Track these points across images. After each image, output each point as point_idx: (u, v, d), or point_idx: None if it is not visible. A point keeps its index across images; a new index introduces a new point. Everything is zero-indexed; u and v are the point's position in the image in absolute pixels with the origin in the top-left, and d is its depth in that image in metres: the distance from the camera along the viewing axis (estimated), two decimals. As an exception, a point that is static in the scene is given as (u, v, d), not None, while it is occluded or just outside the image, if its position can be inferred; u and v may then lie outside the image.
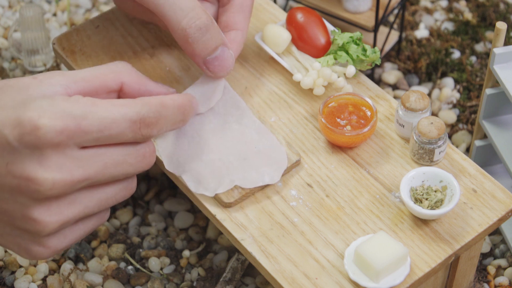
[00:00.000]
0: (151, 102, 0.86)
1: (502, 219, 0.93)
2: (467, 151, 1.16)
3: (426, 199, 0.92)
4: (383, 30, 1.25)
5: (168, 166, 0.95)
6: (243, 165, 0.94)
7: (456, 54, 1.27)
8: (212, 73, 0.96)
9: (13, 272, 1.05)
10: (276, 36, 1.03)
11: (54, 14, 1.34)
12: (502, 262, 1.05)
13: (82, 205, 0.84)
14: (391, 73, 1.24)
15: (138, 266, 1.05)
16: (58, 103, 0.81)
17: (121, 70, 0.90)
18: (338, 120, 0.98)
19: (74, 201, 0.84)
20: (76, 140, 0.81)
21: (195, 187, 0.93)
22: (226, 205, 0.93)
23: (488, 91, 1.05)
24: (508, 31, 1.27)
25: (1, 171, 0.81)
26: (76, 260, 1.06)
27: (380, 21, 1.18)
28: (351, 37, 1.02)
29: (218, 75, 0.97)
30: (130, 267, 1.05)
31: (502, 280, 1.04)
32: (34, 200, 0.82)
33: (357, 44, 1.02)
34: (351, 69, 1.01)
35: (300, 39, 1.03)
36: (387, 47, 1.24)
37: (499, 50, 1.01)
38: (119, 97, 0.90)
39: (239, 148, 0.95)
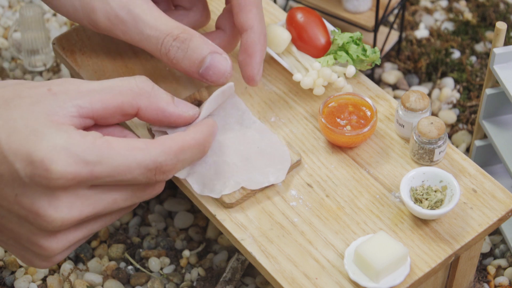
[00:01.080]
0: (171, 148, 0.84)
1: (502, 219, 0.93)
2: (467, 151, 1.16)
3: (426, 199, 0.92)
4: (383, 30, 1.25)
5: None
6: (247, 166, 0.94)
7: (456, 54, 1.27)
8: (211, 83, 0.95)
9: (13, 272, 1.05)
10: (276, 36, 1.03)
11: (54, 14, 1.34)
12: (502, 262, 1.05)
13: (87, 229, 0.85)
14: (391, 73, 1.24)
15: (138, 266, 1.05)
16: (72, 143, 0.79)
17: (140, 93, 0.87)
18: (338, 120, 0.98)
19: (81, 228, 0.85)
20: (87, 183, 0.81)
21: (200, 190, 0.93)
22: (227, 206, 0.93)
23: (488, 91, 1.05)
24: (508, 31, 1.27)
25: (10, 200, 0.81)
26: (76, 260, 1.06)
27: (380, 21, 1.18)
28: (351, 37, 1.02)
29: (218, 83, 0.95)
30: (130, 267, 1.05)
31: (502, 280, 1.04)
32: (41, 231, 0.82)
33: (357, 44, 1.02)
34: (351, 69, 1.01)
35: (300, 39, 1.03)
36: (387, 47, 1.24)
37: (499, 50, 1.01)
38: (134, 117, 0.89)
39: (242, 149, 0.95)
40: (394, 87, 1.24)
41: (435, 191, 0.93)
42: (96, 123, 0.86)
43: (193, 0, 1.02)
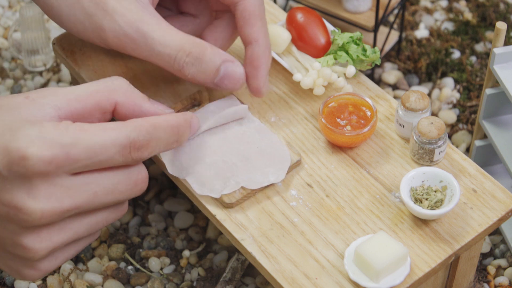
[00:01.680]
0: (142, 125, 0.84)
1: (502, 219, 0.93)
2: (467, 151, 1.16)
3: (426, 199, 0.92)
4: (383, 30, 1.25)
5: (171, 170, 0.94)
6: (247, 166, 0.94)
7: (456, 54, 1.27)
8: (226, 90, 0.96)
9: (13, 272, 1.05)
10: (276, 36, 1.03)
11: (54, 14, 1.34)
12: (502, 262, 1.05)
13: (72, 231, 0.84)
14: (391, 73, 1.24)
15: (138, 266, 1.05)
16: (46, 131, 0.80)
17: (116, 89, 0.88)
18: (338, 120, 0.98)
19: (64, 227, 0.84)
20: (65, 168, 0.81)
21: (200, 189, 0.93)
22: (227, 206, 0.93)
23: (488, 91, 1.05)
24: (508, 31, 1.27)
25: None
26: (76, 260, 1.06)
27: (380, 21, 1.18)
28: (351, 37, 1.02)
29: (233, 90, 0.96)
30: (130, 267, 1.05)
31: (502, 280, 1.04)
32: (23, 228, 0.82)
33: (357, 44, 1.02)
34: (351, 69, 1.01)
35: (300, 39, 1.03)
36: (387, 47, 1.24)
37: (499, 50, 1.01)
38: (113, 117, 0.89)
39: (242, 149, 0.95)
40: (394, 87, 1.24)
41: (435, 191, 0.93)
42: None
43: (200, 8, 1.02)
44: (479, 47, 1.28)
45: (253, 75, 0.97)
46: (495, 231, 1.08)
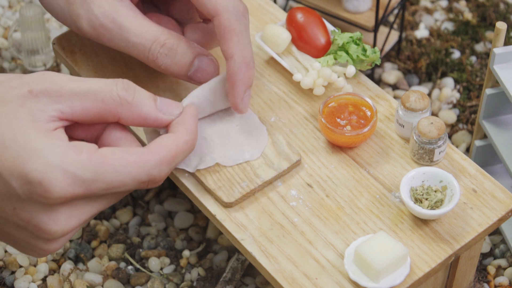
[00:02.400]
0: (165, 158, 0.84)
1: (502, 219, 0.93)
2: (467, 151, 1.16)
3: (426, 199, 0.92)
4: (383, 30, 1.25)
5: None
6: (224, 143, 0.95)
7: (456, 54, 1.27)
8: (200, 84, 0.96)
9: (13, 272, 1.05)
10: (276, 36, 1.03)
11: (54, 14, 1.34)
12: (502, 262, 1.05)
13: (86, 221, 0.85)
14: (391, 73, 1.24)
15: (138, 266, 1.05)
16: (68, 163, 0.79)
17: (121, 103, 0.85)
18: (338, 120, 0.98)
19: (78, 227, 0.85)
20: (83, 197, 0.82)
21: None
22: (226, 205, 0.93)
23: (488, 91, 1.05)
24: (508, 31, 1.27)
25: (8, 212, 0.81)
26: (76, 260, 1.06)
27: (380, 21, 1.18)
28: (351, 37, 1.02)
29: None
30: (130, 267, 1.05)
31: (502, 280, 1.04)
32: (41, 238, 0.83)
33: (357, 44, 1.02)
34: (351, 69, 1.01)
35: (300, 39, 1.03)
36: (387, 47, 1.24)
37: (499, 50, 1.01)
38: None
39: (221, 126, 0.96)
40: (394, 87, 1.24)
41: (435, 191, 0.93)
42: (76, 124, 0.86)
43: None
44: (479, 47, 1.28)
45: (230, 91, 0.95)
46: (495, 231, 1.08)
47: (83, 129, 0.88)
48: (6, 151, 0.79)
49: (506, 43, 1.24)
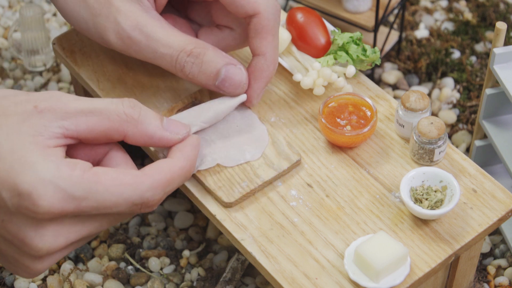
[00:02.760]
0: (159, 182, 0.83)
1: (502, 219, 0.93)
2: (467, 151, 1.16)
3: (426, 199, 0.92)
4: (383, 30, 1.25)
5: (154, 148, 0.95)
6: (225, 144, 0.95)
7: (456, 54, 1.27)
8: (228, 94, 0.96)
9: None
10: (276, 36, 1.03)
11: (54, 14, 1.34)
12: (502, 262, 1.05)
13: (73, 247, 0.85)
14: (391, 73, 1.24)
15: (138, 266, 1.05)
16: (60, 178, 0.78)
17: (128, 120, 0.85)
18: (338, 120, 0.98)
19: (66, 250, 0.84)
20: (73, 215, 0.81)
21: None
22: (226, 205, 0.93)
23: (488, 91, 1.05)
24: (508, 31, 1.27)
25: None
26: (76, 260, 1.06)
27: (380, 21, 1.18)
28: (351, 37, 1.02)
29: (235, 93, 0.96)
30: (130, 267, 1.05)
31: (502, 280, 1.04)
32: (27, 255, 0.82)
33: (357, 44, 1.02)
34: (351, 69, 1.01)
35: (300, 39, 1.03)
36: (387, 47, 1.24)
37: (499, 50, 1.01)
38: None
39: (222, 127, 0.96)
40: (394, 87, 1.24)
41: (435, 191, 0.93)
42: (80, 142, 0.85)
43: (238, 20, 1.00)
44: (479, 47, 1.28)
45: (251, 84, 0.97)
46: (495, 231, 1.08)
47: (85, 152, 0.87)
48: (1, 162, 0.78)
49: (506, 43, 1.24)
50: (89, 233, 0.83)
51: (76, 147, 0.86)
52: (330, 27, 1.05)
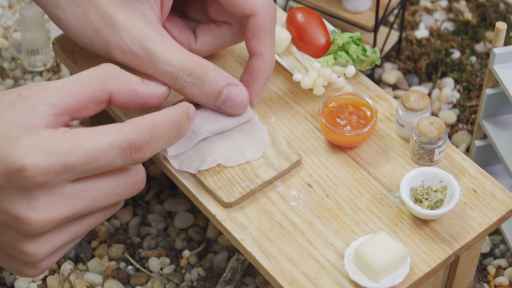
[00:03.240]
0: (141, 124, 0.83)
1: (502, 219, 0.93)
2: (467, 151, 1.16)
3: (426, 199, 0.92)
4: (383, 30, 1.25)
5: None
6: (225, 144, 0.95)
7: (456, 54, 1.27)
8: (228, 114, 0.96)
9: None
10: (276, 36, 1.03)
11: (54, 14, 1.34)
12: (502, 262, 1.05)
13: (71, 232, 0.84)
14: (391, 73, 1.24)
15: (138, 266, 1.05)
16: (42, 140, 0.79)
17: (108, 78, 0.86)
18: (338, 120, 0.98)
19: (63, 230, 0.84)
20: (64, 176, 0.80)
21: (179, 165, 0.94)
22: (226, 205, 0.93)
23: (488, 91, 1.05)
24: (508, 31, 1.27)
25: None
26: (76, 260, 1.06)
27: (380, 21, 1.18)
28: (351, 37, 1.02)
29: (235, 114, 0.96)
30: (130, 267, 1.05)
31: (502, 280, 1.04)
32: (23, 236, 0.82)
33: (357, 44, 1.02)
34: (351, 69, 1.01)
35: (300, 39, 1.03)
36: (387, 47, 1.24)
37: (499, 50, 1.01)
38: (110, 105, 0.89)
39: (222, 127, 0.96)
40: (394, 87, 1.24)
41: (435, 191, 0.93)
42: (72, 118, 0.86)
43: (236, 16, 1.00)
44: (479, 47, 1.28)
45: (249, 84, 0.97)
46: (495, 231, 1.08)
47: None
48: None
49: (506, 43, 1.24)
50: (85, 205, 0.83)
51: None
52: (330, 27, 1.05)
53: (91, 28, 0.94)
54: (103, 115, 1.06)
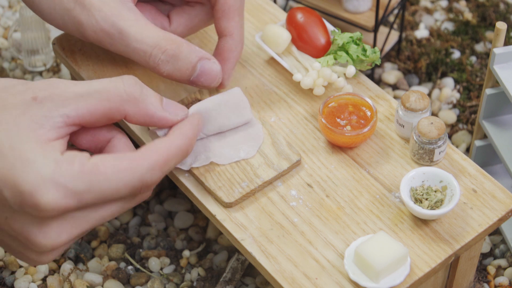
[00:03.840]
0: (156, 162, 0.82)
1: (502, 219, 0.93)
2: (467, 151, 1.16)
3: (426, 199, 0.92)
4: (383, 30, 1.25)
5: None
6: (220, 141, 0.95)
7: (456, 54, 1.27)
8: (202, 88, 0.96)
9: (13, 272, 1.05)
10: (276, 36, 1.03)
11: (54, 14, 1.34)
12: (502, 262, 1.05)
13: (77, 236, 0.84)
14: (391, 73, 1.24)
15: (138, 266, 1.05)
16: (61, 174, 0.78)
17: (128, 99, 0.84)
18: (338, 120, 0.98)
19: (70, 242, 0.84)
20: (76, 209, 0.81)
21: None
22: (226, 205, 0.93)
23: (488, 91, 1.05)
24: (508, 31, 1.27)
25: (0, 221, 0.80)
26: (76, 260, 1.06)
27: (380, 21, 1.18)
28: (351, 37, 1.02)
29: (210, 87, 0.96)
30: (130, 267, 1.05)
31: (502, 280, 1.04)
32: (31, 250, 0.82)
33: (357, 44, 1.02)
34: (351, 69, 1.01)
35: (300, 39, 1.03)
36: (387, 47, 1.24)
37: (499, 50, 1.01)
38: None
39: (217, 125, 0.96)
40: (394, 87, 1.24)
41: (435, 191, 0.93)
42: (81, 127, 0.85)
43: None
44: (479, 47, 1.28)
45: (220, 66, 0.97)
46: (495, 231, 1.08)
47: (88, 140, 0.87)
48: (1, 160, 0.78)
49: (506, 43, 1.24)
50: (91, 226, 0.83)
51: (78, 134, 0.86)
52: (330, 27, 1.05)
53: (63, 7, 0.93)
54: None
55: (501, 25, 1.00)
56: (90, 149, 0.87)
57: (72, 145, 0.87)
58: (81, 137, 0.87)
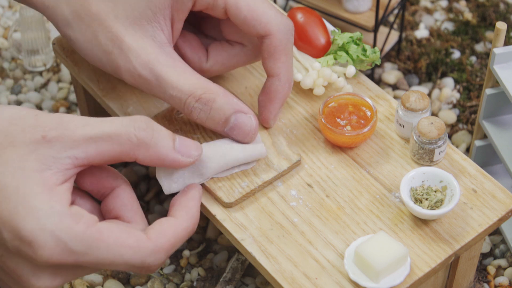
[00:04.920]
0: (162, 247, 0.82)
1: (502, 219, 0.93)
2: (467, 151, 1.16)
3: (426, 199, 0.92)
4: (383, 30, 1.25)
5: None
6: (219, 163, 0.93)
7: (456, 54, 1.27)
8: (237, 141, 0.95)
9: (13, 272, 1.05)
10: (276, 36, 1.03)
11: (54, 14, 1.34)
12: (502, 262, 1.05)
13: (72, 279, 0.84)
14: (391, 73, 1.24)
15: (138, 266, 1.05)
16: (62, 231, 0.77)
17: (139, 144, 0.83)
18: (338, 120, 0.98)
19: (64, 283, 0.84)
20: (72, 266, 0.81)
21: (168, 190, 0.92)
22: (226, 205, 0.93)
23: (488, 91, 1.05)
24: (508, 31, 1.27)
25: None
26: (76, 260, 1.06)
27: (380, 21, 1.18)
28: (351, 37, 1.02)
29: (244, 141, 0.94)
30: (130, 267, 1.05)
31: (502, 280, 1.04)
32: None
33: (357, 44, 1.02)
34: (351, 69, 1.01)
35: (300, 39, 1.03)
36: (387, 47, 1.24)
37: (499, 50, 1.01)
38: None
39: (219, 145, 0.94)
40: (394, 87, 1.24)
41: (435, 191, 0.93)
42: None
43: (249, 36, 0.99)
44: (479, 47, 1.28)
45: (266, 105, 0.96)
46: (495, 231, 1.08)
47: (92, 183, 0.86)
48: (5, 201, 0.77)
49: (506, 43, 1.24)
50: (87, 274, 0.84)
51: (84, 175, 0.85)
52: (330, 27, 1.05)
53: (101, 50, 0.92)
54: (101, 109, 1.06)
55: (501, 25, 1.00)
56: (92, 192, 0.87)
57: (76, 186, 0.86)
58: (86, 179, 0.86)
